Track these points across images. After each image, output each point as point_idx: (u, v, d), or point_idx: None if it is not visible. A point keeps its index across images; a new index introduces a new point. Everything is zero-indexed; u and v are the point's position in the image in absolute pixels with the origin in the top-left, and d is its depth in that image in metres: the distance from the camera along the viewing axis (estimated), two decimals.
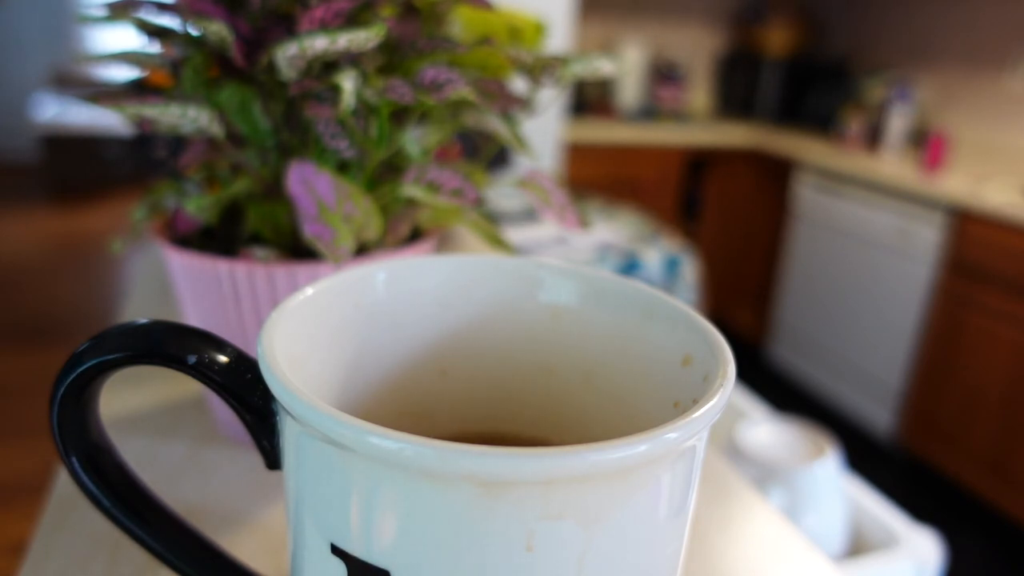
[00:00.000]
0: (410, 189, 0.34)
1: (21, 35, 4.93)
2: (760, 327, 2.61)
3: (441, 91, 0.33)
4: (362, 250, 0.36)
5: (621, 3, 2.83)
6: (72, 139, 4.44)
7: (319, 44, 0.29)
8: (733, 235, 2.69)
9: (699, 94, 3.03)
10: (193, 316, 0.37)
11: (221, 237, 0.38)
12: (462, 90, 0.33)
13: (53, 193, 4.61)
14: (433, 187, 0.35)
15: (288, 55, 0.29)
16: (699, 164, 2.59)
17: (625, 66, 2.70)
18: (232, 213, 0.39)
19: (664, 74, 2.81)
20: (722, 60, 2.97)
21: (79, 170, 4.56)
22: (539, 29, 0.68)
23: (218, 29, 0.30)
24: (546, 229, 1.22)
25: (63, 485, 0.35)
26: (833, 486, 0.52)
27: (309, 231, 0.32)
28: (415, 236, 0.40)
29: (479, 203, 0.35)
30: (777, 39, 2.73)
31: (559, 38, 1.78)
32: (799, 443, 0.55)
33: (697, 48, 2.99)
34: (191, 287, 0.36)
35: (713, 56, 3.01)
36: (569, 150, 2.32)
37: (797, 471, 0.51)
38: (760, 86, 2.75)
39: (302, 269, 0.34)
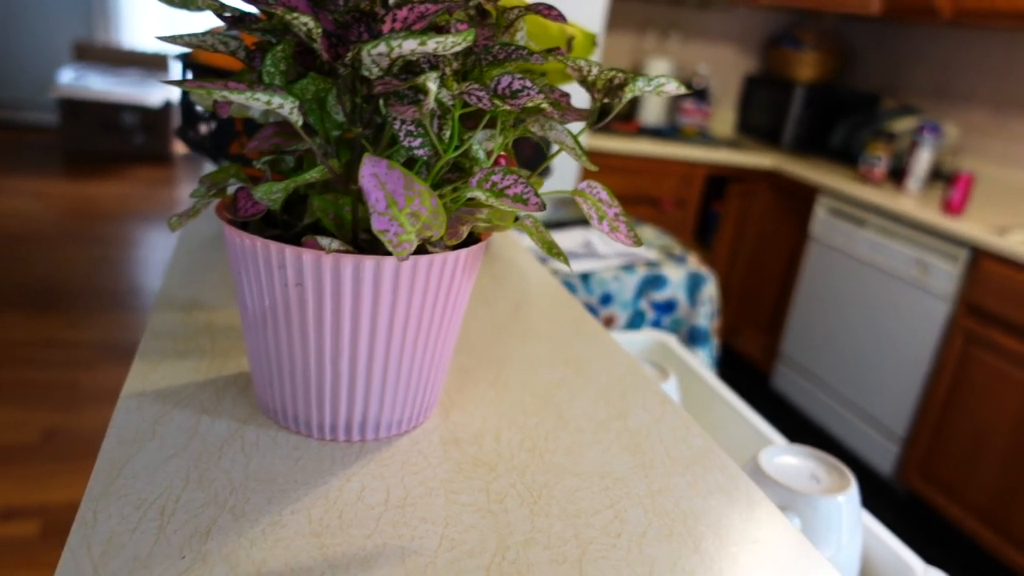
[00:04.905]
0: (476, 191, 0.35)
1: (46, 4, 4.97)
2: (769, 353, 2.60)
3: (517, 99, 0.33)
4: (421, 249, 0.36)
5: (652, 20, 2.84)
6: (89, 106, 4.48)
7: (408, 45, 0.30)
8: (748, 257, 2.68)
9: (724, 115, 3.03)
10: (249, 296, 0.38)
11: (282, 224, 0.38)
12: (536, 99, 0.34)
13: (69, 158, 4.64)
14: (497, 191, 0.35)
15: (375, 53, 0.30)
16: (719, 183, 2.59)
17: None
18: (292, 202, 0.40)
19: (690, 93, 2.81)
20: (750, 83, 2.97)
21: (94, 137, 4.60)
22: (591, 39, 0.69)
23: (307, 22, 0.31)
24: (573, 237, 1.22)
25: (108, 452, 0.36)
26: (854, 519, 0.52)
27: (377, 225, 0.32)
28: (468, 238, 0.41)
29: (541, 208, 0.36)
30: (807, 66, 2.73)
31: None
32: (822, 472, 0.55)
33: (725, 69, 2.99)
34: (252, 269, 0.36)
35: (741, 78, 3.01)
36: (590, 161, 2.32)
37: (820, 500, 0.52)
38: (787, 112, 2.76)
39: (368, 261, 0.34)
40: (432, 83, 0.30)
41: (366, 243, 0.37)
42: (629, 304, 1.08)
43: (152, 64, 4.78)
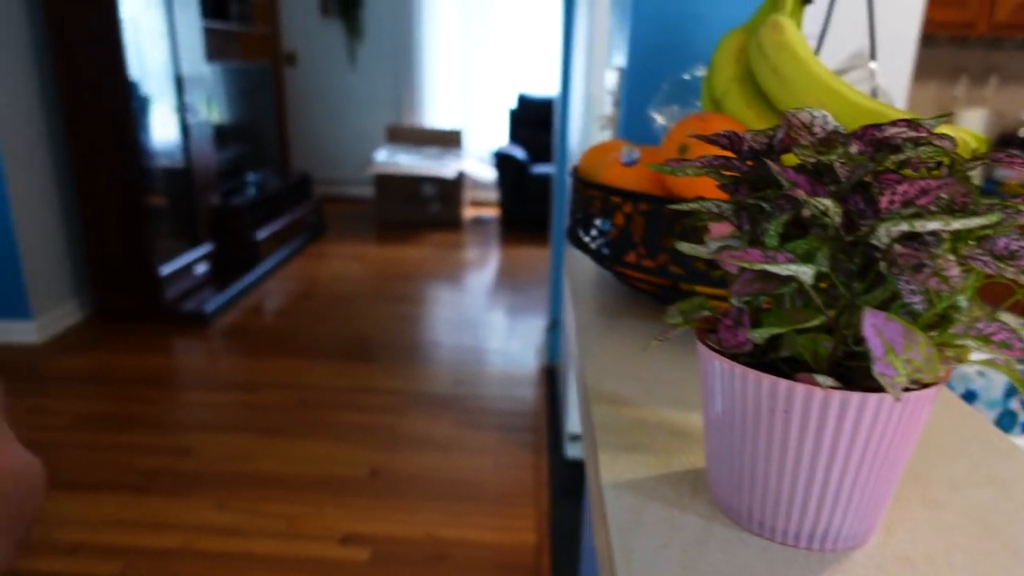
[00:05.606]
0: (964, 339, 0.38)
1: (368, 98, 5.92)
2: None
3: (1016, 260, 0.36)
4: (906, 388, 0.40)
5: (964, 65, 2.60)
6: (397, 179, 5.20)
7: (931, 226, 0.35)
8: None
9: None
10: (723, 411, 0.45)
11: (757, 353, 0.45)
12: None
13: (380, 226, 5.43)
14: (983, 337, 0.38)
15: (895, 229, 0.35)
16: None
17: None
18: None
19: (1012, 144, 2.50)
20: None
21: (400, 207, 5.32)
22: (983, 144, 0.69)
23: (827, 204, 0.37)
24: None
25: (617, 539, 0.45)
26: None
27: (878, 368, 0.37)
28: None
29: None
30: None
31: (897, 104, 1.69)
32: None
33: None
34: (738, 394, 0.43)
35: None
36: None
37: None
38: None
39: (854, 397, 0.39)
40: (952, 256, 0.35)
41: (840, 375, 0.42)
42: (998, 403, 1.00)
43: (448, 141, 5.46)
